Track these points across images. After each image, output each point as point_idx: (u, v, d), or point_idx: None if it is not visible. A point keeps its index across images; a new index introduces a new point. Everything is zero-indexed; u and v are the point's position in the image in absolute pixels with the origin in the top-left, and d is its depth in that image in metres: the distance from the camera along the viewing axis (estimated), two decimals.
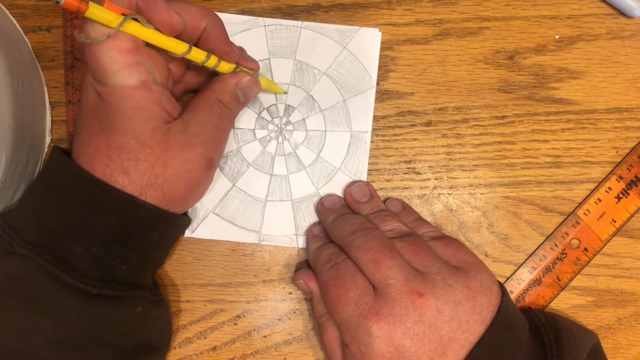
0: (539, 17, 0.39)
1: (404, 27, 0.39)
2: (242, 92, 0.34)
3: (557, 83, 0.39)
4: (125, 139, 0.29)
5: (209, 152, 0.32)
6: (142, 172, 0.30)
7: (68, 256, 0.30)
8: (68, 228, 0.30)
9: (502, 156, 0.39)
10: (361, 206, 0.36)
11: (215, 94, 0.33)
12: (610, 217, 0.38)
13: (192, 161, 0.31)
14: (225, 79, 0.33)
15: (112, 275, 0.31)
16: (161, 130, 0.30)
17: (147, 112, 0.30)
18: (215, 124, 0.32)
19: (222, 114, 0.33)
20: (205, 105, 0.32)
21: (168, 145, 0.30)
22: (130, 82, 0.29)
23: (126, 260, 0.31)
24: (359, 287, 0.31)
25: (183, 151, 0.31)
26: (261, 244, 0.38)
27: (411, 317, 0.30)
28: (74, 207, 0.30)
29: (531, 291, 0.38)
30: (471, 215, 0.39)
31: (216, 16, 0.32)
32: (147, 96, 0.29)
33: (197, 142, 0.31)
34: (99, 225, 0.30)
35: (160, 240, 0.33)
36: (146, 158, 0.30)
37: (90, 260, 0.30)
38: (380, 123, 0.39)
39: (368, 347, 0.30)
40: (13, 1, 0.38)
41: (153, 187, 0.30)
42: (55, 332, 0.29)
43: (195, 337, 0.38)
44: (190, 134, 0.31)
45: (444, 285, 0.31)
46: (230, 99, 0.33)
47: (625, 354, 0.39)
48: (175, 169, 0.31)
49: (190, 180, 0.32)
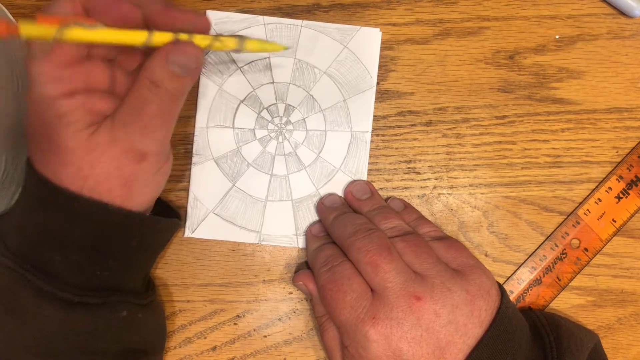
0: (539, 17, 0.39)
1: (404, 27, 0.39)
2: (177, 65, 0.28)
3: (557, 83, 0.39)
4: (49, 146, 0.29)
5: (138, 144, 0.29)
6: (71, 177, 0.29)
7: (48, 265, 0.30)
8: (46, 237, 0.30)
9: (502, 156, 0.39)
10: (362, 204, 0.36)
11: (147, 72, 0.28)
12: (610, 217, 0.38)
13: (119, 158, 0.29)
14: (155, 55, 0.28)
15: (94, 282, 0.31)
16: (84, 132, 0.28)
17: (68, 118, 0.28)
18: (143, 111, 0.29)
19: (152, 97, 0.28)
20: (134, 92, 0.29)
21: (92, 145, 0.29)
22: (53, 92, 0.28)
23: (107, 266, 0.31)
24: (356, 290, 0.31)
25: (109, 148, 0.29)
26: (261, 244, 0.38)
27: (408, 321, 0.30)
28: (48, 216, 0.30)
29: (531, 291, 0.38)
30: (471, 215, 0.39)
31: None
32: (69, 104, 0.28)
33: (122, 136, 0.29)
34: (75, 234, 0.30)
35: (141, 244, 0.32)
36: (72, 162, 0.29)
37: (71, 268, 0.30)
38: (381, 123, 0.39)
39: (366, 350, 0.30)
40: (13, 1, 0.38)
41: (86, 190, 0.29)
42: (37, 342, 0.29)
43: (195, 337, 0.38)
44: (117, 128, 0.29)
45: (442, 288, 0.30)
46: (161, 75, 0.28)
47: (625, 354, 0.39)
48: (104, 169, 0.29)
49: (122, 178, 0.29)
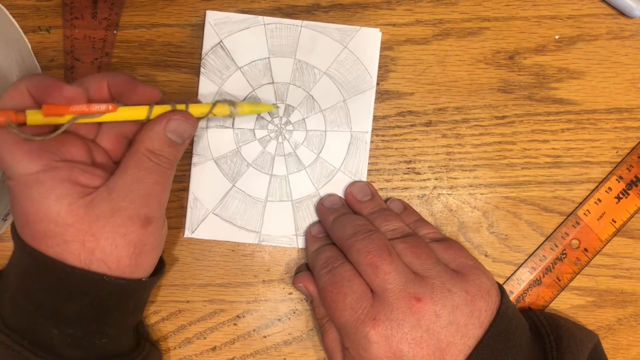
0: (539, 17, 0.39)
1: (404, 27, 0.39)
2: (174, 133, 0.31)
3: (557, 83, 0.39)
4: (44, 226, 0.28)
5: (142, 210, 0.30)
6: (76, 254, 0.28)
7: (46, 339, 0.30)
8: (41, 311, 0.29)
9: (502, 156, 0.39)
10: (362, 205, 0.36)
11: (144, 144, 0.30)
12: (610, 217, 0.38)
13: (125, 225, 0.29)
14: (152, 125, 0.31)
15: (92, 352, 0.31)
16: (79, 204, 0.28)
17: (56, 191, 0.28)
18: (145, 179, 0.30)
19: (153, 166, 0.30)
20: (132, 161, 0.30)
21: (92, 217, 0.28)
22: (32, 169, 0.28)
23: (105, 333, 0.31)
24: (356, 292, 0.31)
25: (112, 218, 0.29)
26: (261, 244, 0.38)
27: (409, 322, 0.30)
28: (42, 291, 0.29)
29: (531, 291, 0.38)
30: (471, 215, 0.39)
31: (114, 71, 0.31)
32: (53, 176, 0.28)
33: (125, 204, 0.29)
34: (71, 309, 0.29)
35: (137, 305, 0.33)
36: (73, 238, 0.28)
37: (69, 342, 0.30)
38: (380, 123, 0.39)
39: (366, 352, 0.30)
40: (13, 1, 0.38)
41: (95, 264, 0.29)
42: None
43: (195, 337, 0.38)
44: (116, 198, 0.29)
45: (443, 289, 0.31)
46: (160, 145, 0.31)
47: (625, 354, 0.39)
48: (109, 239, 0.29)
49: (131, 245, 0.29)
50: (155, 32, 0.38)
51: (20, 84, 0.29)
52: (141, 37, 0.38)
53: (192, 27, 0.38)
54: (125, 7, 0.38)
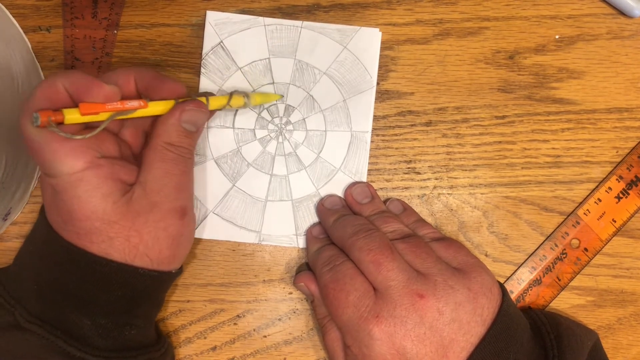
0: (539, 17, 0.39)
1: (404, 27, 0.39)
2: (189, 123, 0.32)
3: (557, 83, 0.39)
4: (90, 224, 0.29)
5: (177, 202, 0.31)
6: (120, 249, 0.29)
7: (78, 329, 0.30)
8: (72, 302, 0.30)
9: (502, 156, 0.39)
10: (362, 207, 0.36)
11: (162, 138, 0.31)
12: (610, 217, 0.38)
13: (164, 219, 0.30)
14: (167, 119, 0.31)
15: (121, 342, 0.31)
16: (122, 202, 0.29)
17: (102, 189, 0.29)
18: (172, 171, 0.31)
19: (176, 157, 0.31)
20: (156, 156, 0.31)
21: (134, 213, 0.30)
22: (77, 167, 0.28)
23: (134, 325, 0.32)
24: (359, 289, 0.31)
25: (151, 213, 0.30)
26: (261, 244, 0.38)
27: (412, 319, 0.30)
28: (75, 283, 0.30)
29: (531, 291, 0.38)
30: (471, 215, 0.39)
31: (141, 66, 0.32)
32: (98, 174, 0.29)
33: (161, 199, 0.30)
34: (104, 300, 0.30)
35: (163, 298, 0.35)
36: (117, 234, 0.29)
37: (100, 332, 0.30)
38: (380, 123, 0.39)
39: (369, 349, 0.30)
40: (13, 1, 0.38)
41: (138, 258, 0.30)
42: None
43: (195, 337, 0.38)
44: (151, 193, 0.30)
45: (445, 286, 0.31)
46: (178, 137, 0.31)
47: (625, 354, 0.39)
48: (151, 233, 0.30)
49: (171, 237, 0.31)
50: (155, 32, 0.38)
51: (55, 82, 0.29)
52: (141, 37, 0.38)
53: (193, 27, 0.38)
54: (125, 7, 0.38)
